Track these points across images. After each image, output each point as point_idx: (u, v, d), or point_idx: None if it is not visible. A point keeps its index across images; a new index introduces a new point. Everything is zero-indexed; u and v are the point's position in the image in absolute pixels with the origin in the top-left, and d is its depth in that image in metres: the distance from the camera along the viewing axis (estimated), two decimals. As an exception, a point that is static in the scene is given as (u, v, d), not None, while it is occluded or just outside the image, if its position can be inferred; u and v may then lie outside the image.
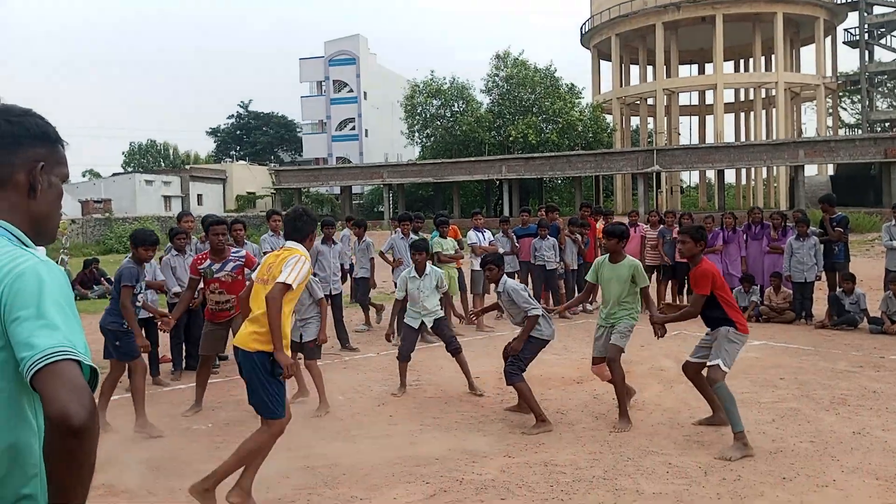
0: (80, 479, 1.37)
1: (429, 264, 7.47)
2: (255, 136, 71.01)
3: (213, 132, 73.82)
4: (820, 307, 10.83)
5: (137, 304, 6.10)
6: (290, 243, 4.54)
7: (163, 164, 66.87)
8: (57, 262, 8.20)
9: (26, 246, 1.54)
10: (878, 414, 5.98)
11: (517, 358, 5.96)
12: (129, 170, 62.09)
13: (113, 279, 15.23)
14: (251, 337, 4.24)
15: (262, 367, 4.21)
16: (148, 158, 69.92)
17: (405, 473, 4.84)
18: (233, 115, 72.95)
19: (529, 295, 6.29)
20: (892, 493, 4.31)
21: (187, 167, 57.95)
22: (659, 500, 4.30)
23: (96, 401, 1.41)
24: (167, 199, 49.96)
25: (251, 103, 73.20)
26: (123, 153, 71.98)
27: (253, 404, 4.27)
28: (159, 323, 6.61)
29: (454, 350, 7.02)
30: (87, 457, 1.36)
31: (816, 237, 10.85)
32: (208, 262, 6.55)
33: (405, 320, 7.29)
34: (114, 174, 53.92)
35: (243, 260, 6.74)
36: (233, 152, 73.17)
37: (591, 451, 5.25)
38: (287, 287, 4.18)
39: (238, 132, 72.58)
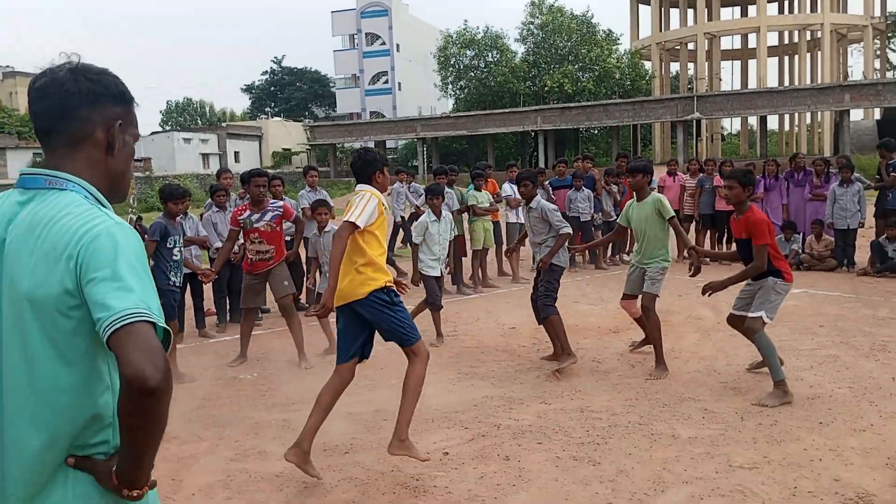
0: (153, 436, 1.42)
1: (444, 208, 7.67)
2: (289, 91, 71.01)
3: (248, 89, 74.01)
4: (863, 255, 10.63)
5: (174, 258, 6.19)
6: (359, 186, 4.37)
7: (199, 122, 67.50)
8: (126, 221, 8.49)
9: (102, 205, 1.58)
10: (919, 360, 5.93)
11: (547, 289, 6.10)
12: (167, 128, 62.78)
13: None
14: (354, 285, 4.11)
15: (381, 303, 4.12)
16: (185, 116, 70.60)
17: (444, 419, 4.97)
18: (267, 72, 72.95)
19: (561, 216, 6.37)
20: (931, 438, 4.31)
21: (224, 125, 58.39)
22: (694, 445, 4.37)
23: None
24: (205, 156, 50.55)
25: (284, 59, 73.11)
26: (161, 112, 72.78)
27: (393, 339, 4.20)
28: (201, 276, 6.76)
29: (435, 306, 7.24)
30: (159, 416, 1.40)
31: (861, 184, 10.60)
32: (248, 212, 6.66)
33: (425, 271, 7.38)
34: (152, 133, 54.60)
35: (281, 210, 6.86)
36: (267, 109, 73.36)
37: (627, 397, 5.32)
38: (352, 225, 4.01)
39: (272, 88, 72.63)
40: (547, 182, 11.73)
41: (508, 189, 10.81)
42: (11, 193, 1.61)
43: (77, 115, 1.59)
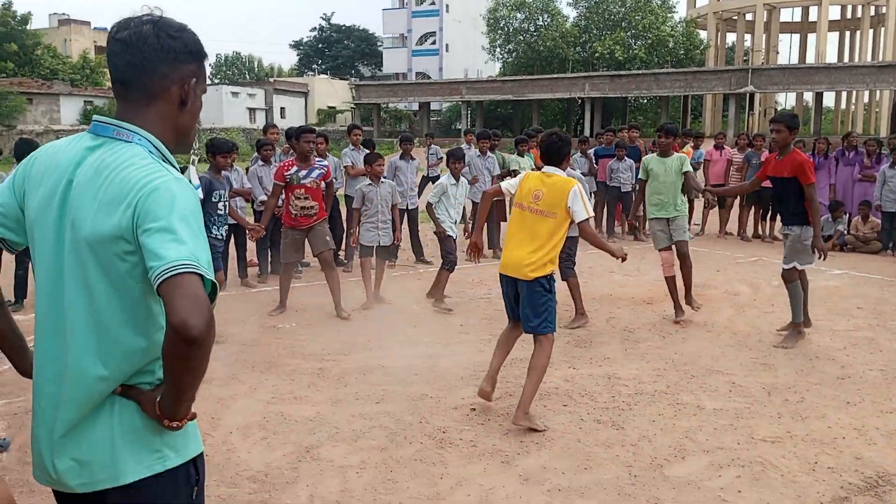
0: (193, 379, 1.53)
1: (463, 176, 7.88)
2: (336, 49, 70.90)
3: (296, 45, 74.06)
4: (911, 239, 10.39)
5: (219, 212, 6.23)
6: (550, 169, 4.53)
7: (247, 77, 67.91)
8: (189, 163, 8.68)
9: (165, 158, 1.67)
10: (958, 348, 5.85)
11: (567, 254, 6.56)
12: (216, 81, 63.37)
13: None
14: (529, 269, 4.30)
15: (543, 288, 4.33)
16: (234, 70, 71.06)
17: (473, 377, 5.10)
18: (315, 28, 72.86)
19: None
20: (961, 425, 4.30)
21: (271, 80, 58.70)
22: (719, 416, 4.43)
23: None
24: (252, 111, 51.00)
25: (333, 16, 72.99)
26: (210, 65, 73.29)
27: (533, 326, 4.35)
28: (249, 232, 6.89)
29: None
30: (200, 362, 1.48)
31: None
32: (295, 168, 6.77)
33: (448, 231, 7.39)
34: (201, 85, 55.12)
35: (326, 168, 6.99)
36: (315, 66, 73.41)
37: (656, 367, 5.39)
38: (591, 218, 4.55)
39: (320, 45, 72.57)
40: (591, 150, 11.66)
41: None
42: (82, 137, 1.69)
43: (157, 70, 1.65)
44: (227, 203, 6.34)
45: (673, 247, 6.75)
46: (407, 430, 4.20)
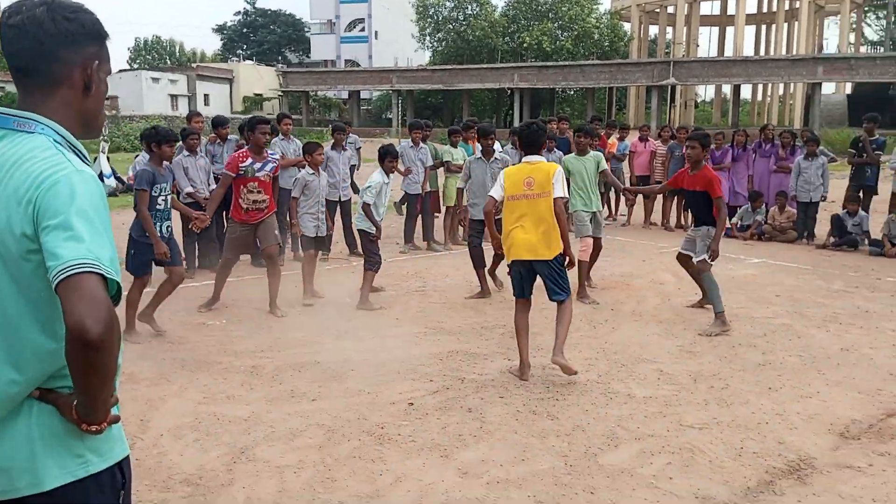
0: (100, 383, 1.46)
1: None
2: (262, 34, 69.31)
3: (220, 29, 72.05)
4: (822, 228, 10.93)
5: (158, 206, 5.87)
6: (531, 157, 5.10)
7: (168, 62, 65.69)
8: (100, 151, 8.09)
9: (73, 146, 1.59)
10: (867, 332, 6.19)
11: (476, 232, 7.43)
12: (135, 67, 61.06)
13: (120, 177, 15.06)
14: (543, 246, 4.90)
15: (560, 264, 4.99)
16: (153, 55, 68.61)
17: (409, 371, 5.10)
18: (239, 13, 71.01)
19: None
20: (872, 406, 4.56)
21: (194, 66, 56.92)
22: (649, 404, 4.56)
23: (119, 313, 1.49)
24: (174, 97, 49.39)
25: (258, 0, 71.19)
26: (129, 49, 70.60)
27: (561, 297, 5.03)
28: (194, 222, 6.52)
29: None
30: (103, 365, 1.43)
31: (825, 157, 10.83)
32: (250, 160, 6.52)
33: (369, 230, 7.02)
34: (120, 71, 53.05)
35: (278, 161, 6.84)
36: (239, 51, 71.60)
37: (587, 356, 5.51)
38: (564, 199, 5.01)
39: (245, 30, 70.79)
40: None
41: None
42: None
43: (56, 56, 1.58)
44: (168, 196, 5.97)
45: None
46: (344, 427, 4.17)
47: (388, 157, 7.20)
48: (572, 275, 5.51)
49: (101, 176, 7.82)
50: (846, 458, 3.84)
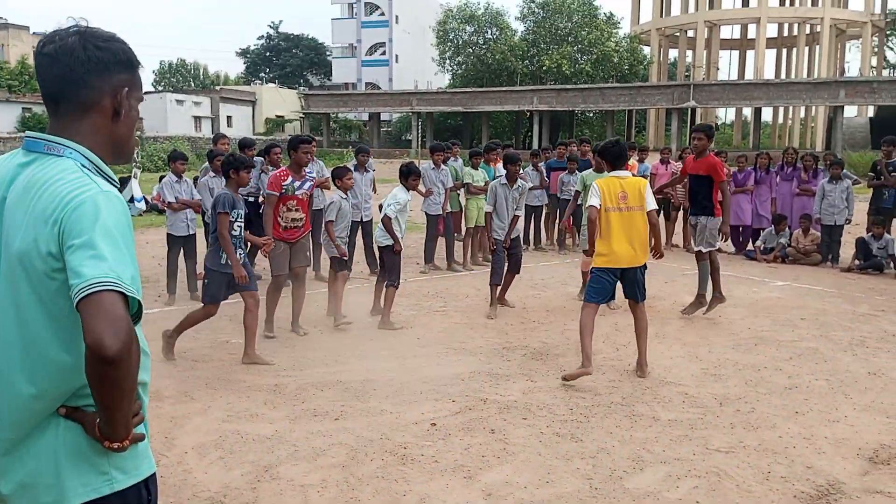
0: (120, 400, 1.48)
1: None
2: (284, 58, 70.29)
3: (243, 53, 73.19)
4: (847, 251, 10.81)
5: (234, 232, 5.79)
6: (620, 173, 5.57)
7: (192, 85, 66.73)
8: (132, 176, 8.16)
9: (101, 170, 1.63)
10: (895, 357, 6.10)
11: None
12: (160, 89, 62.09)
13: (145, 197, 15.23)
14: (641, 253, 5.51)
15: (644, 270, 5.61)
16: (178, 78, 69.73)
17: (432, 391, 5.09)
18: (263, 36, 72.11)
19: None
20: (901, 431, 4.48)
21: (217, 88, 57.76)
22: (674, 427, 4.51)
23: (138, 330, 1.51)
24: (197, 119, 50.07)
25: (281, 24, 72.32)
26: (154, 72, 71.85)
27: (643, 297, 5.64)
28: (262, 248, 6.34)
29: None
30: (121, 382, 1.44)
31: (850, 180, 10.74)
32: (290, 178, 6.52)
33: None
34: (145, 92, 53.88)
35: (314, 179, 6.92)
36: (262, 74, 72.62)
37: (611, 378, 5.46)
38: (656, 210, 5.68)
39: (268, 54, 71.84)
40: (541, 164, 11.80)
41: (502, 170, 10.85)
42: (17, 154, 1.66)
43: (86, 83, 1.62)
44: (242, 224, 5.90)
45: None
46: (367, 447, 4.16)
47: (411, 176, 7.22)
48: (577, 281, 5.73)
49: (131, 200, 7.94)
50: (875, 483, 3.77)
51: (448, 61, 49.82)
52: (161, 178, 13.22)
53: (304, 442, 4.22)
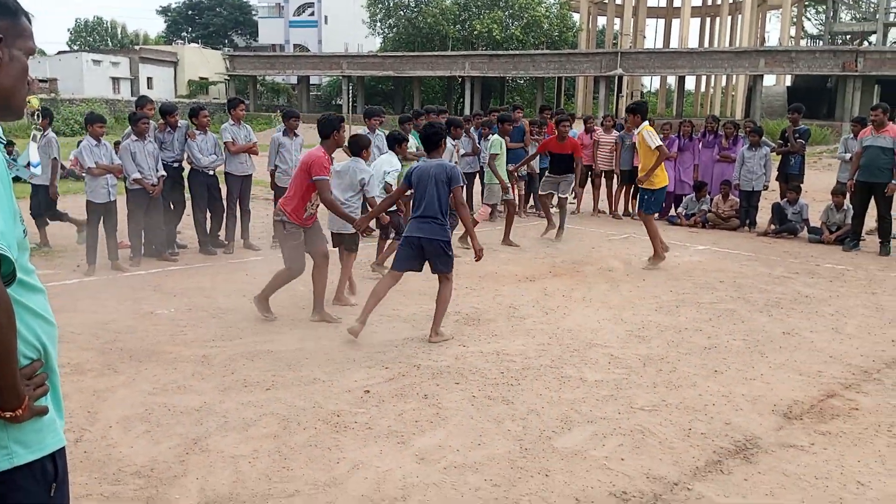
0: None
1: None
2: (207, 17, 67.74)
3: (164, 11, 70.19)
4: (764, 216, 11.27)
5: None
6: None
7: (110, 44, 63.73)
8: (31, 139, 7.72)
9: None
10: (807, 317, 6.43)
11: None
12: (75, 48, 59.04)
13: (62, 163, 14.46)
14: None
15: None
16: (94, 37, 66.42)
17: (365, 358, 5.10)
18: (185, -6, 69.29)
19: None
20: (813, 387, 4.74)
21: (137, 48, 55.32)
22: (600, 388, 4.66)
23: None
24: (115, 80, 47.98)
25: (203, -19, 69.47)
26: (69, 30, 68.35)
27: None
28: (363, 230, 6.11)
29: None
30: None
31: (768, 147, 11.14)
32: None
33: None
34: (59, 52, 51.22)
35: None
36: (184, 34, 69.85)
37: (540, 342, 5.58)
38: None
39: (190, 12, 69.10)
40: (472, 129, 11.79)
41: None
42: None
43: None
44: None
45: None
46: (299, 416, 4.14)
47: (403, 143, 7.54)
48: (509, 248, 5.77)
49: (28, 164, 7.52)
50: (789, 437, 3.99)
51: (379, 24, 49.01)
52: (79, 142, 12.59)
53: (235, 413, 4.17)
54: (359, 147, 6.65)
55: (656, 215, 8.93)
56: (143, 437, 3.86)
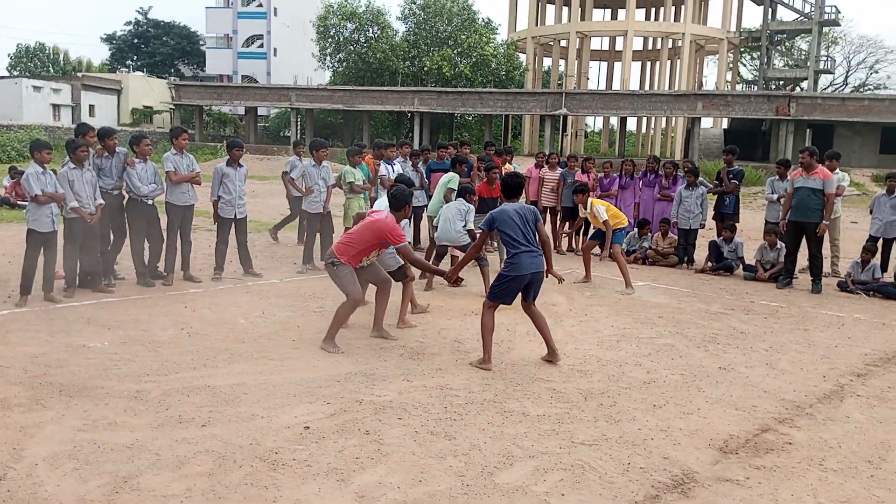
0: None
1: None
2: (153, 46, 66.95)
3: (109, 39, 69.14)
4: (701, 253, 11.59)
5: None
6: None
7: (52, 70, 62.31)
8: None
9: None
10: (743, 352, 6.60)
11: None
12: (15, 74, 57.50)
13: None
14: None
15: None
16: (35, 63, 64.85)
17: (306, 394, 5.01)
18: (130, 22, 68.44)
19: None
20: (748, 421, 4.85)
21: (79, 75, 54.18)
22: (542, 422, 4.67)
23: None
24: (56, 107, 46.81)
25: (151, 10, 68.87)
26: (9, 55, 66.52)
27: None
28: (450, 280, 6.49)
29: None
30: None
31: (705, 188, 11.51)
32: None
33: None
34: (-3, 77, 49.81)
35: None
36: (129, 62, 68.86)
37: (484, 376, 5.58)
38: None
39: (135, 41, 68.21)
40: (421, 164, 11.88)
41: (383, 169, 10.86)
42: None
43: None
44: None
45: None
46: (236, 454, 4.03)
47: (467, 195, 8.80)
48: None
49: None
50: (725, 471, 4.06)
51: (329, 58, 49.15)
52: (11, 169, 12.29)
53: (168, 450, 4.03)
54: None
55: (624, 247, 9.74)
56: (71, 475, 3.70)
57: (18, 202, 14.81)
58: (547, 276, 6.10)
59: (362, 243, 6.22)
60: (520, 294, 5.95)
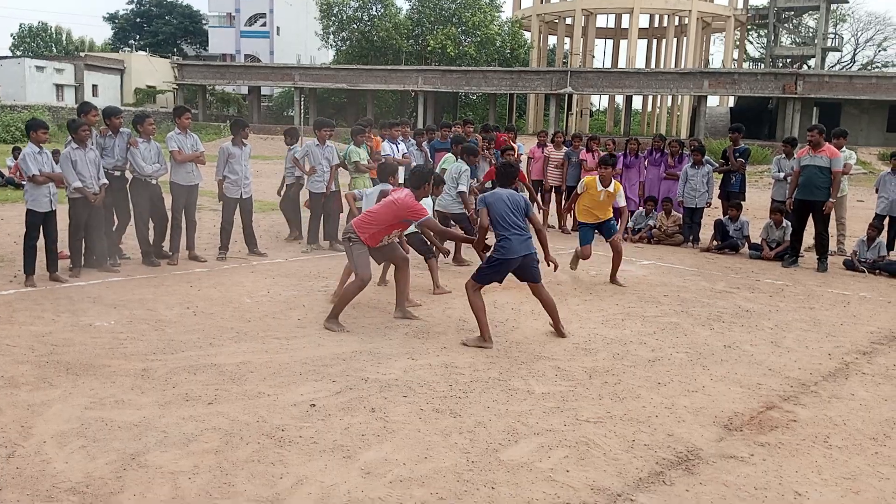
0: None
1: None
2: (156, 25, 66.55)
3: (111, 18, 68.75)
4: (707, 232, 11.55)
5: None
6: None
7: (55, 50, 62.09)
8: None
9: None
10: (748, 330, 6.59)
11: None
12: (18, 54, 57.33)
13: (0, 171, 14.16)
14: None
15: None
16: (38, 43, 64.60)
17: (312, 372, 5.03)
18: (132, 1, 67.97)
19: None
20: (752, 399, 4.86)
21: (82, 55, 53.99)
22: (547, 400, 4.69)
23: None
24: (59, 87, 46.74)
25: (152, -11, 68.30)
26: (12, 35, 66.25)
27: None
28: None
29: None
30: None
31: (711, 166, 11.44)
32: None
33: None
34: (1, 58, 49.66)
35: None
36: (132, 42, 68.52)
37: (489, 354, 5.60)
38: None
39: (138, 20, 67.81)
40: (424, 143, 11.83)
41: (387, 148, 10.81)
42: None
43: None
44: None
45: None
46: (242, 431, 4.05)
47: (468, 155, 8.94)
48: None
49: None
50: (730, 448, 4.07)
51: (332, 36, 48.86)
52: (14, 149, 12.31)
53: (175, 428, 4.06)
54: (386, 174, 7.36)
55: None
56: (79, 452, 3.73)
57: (22, 182, 14.84)
58: (549, 265, 6.10)
59: (382, 222, 6.17)
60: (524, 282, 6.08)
